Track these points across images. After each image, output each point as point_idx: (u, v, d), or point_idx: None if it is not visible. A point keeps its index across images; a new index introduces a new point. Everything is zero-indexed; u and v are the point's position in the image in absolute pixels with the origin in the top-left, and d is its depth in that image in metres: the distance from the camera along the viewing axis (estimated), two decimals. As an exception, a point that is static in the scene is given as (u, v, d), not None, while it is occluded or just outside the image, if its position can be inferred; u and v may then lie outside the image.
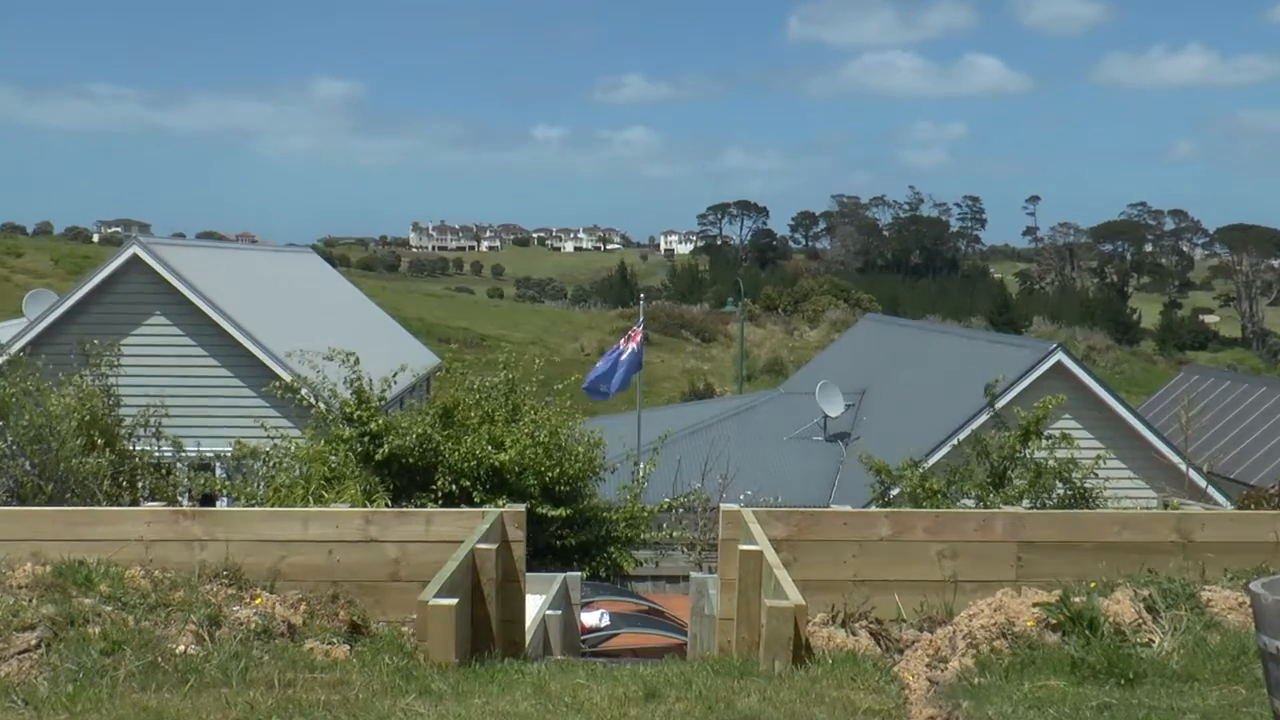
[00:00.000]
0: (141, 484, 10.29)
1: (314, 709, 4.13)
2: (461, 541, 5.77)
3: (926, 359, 22.81)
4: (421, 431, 10.25)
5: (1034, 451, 10.81)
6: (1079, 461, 10.71)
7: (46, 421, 9.50)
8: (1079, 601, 5.02)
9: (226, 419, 16.65)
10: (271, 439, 10.94)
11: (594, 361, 22.34)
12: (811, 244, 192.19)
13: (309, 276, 29.23)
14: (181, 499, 10.85)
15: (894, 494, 11.43)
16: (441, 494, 10.20)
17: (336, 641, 5.11)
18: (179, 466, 11.52)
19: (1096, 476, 10.86)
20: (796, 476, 19.31)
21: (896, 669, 4.82)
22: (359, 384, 10.55)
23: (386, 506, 9.39)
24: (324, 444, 10.58)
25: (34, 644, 4.48)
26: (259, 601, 5.34)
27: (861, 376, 23.69)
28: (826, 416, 20.97)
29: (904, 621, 5.70)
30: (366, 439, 10.23)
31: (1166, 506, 10.59)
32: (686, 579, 10.10)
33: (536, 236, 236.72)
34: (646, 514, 11.56)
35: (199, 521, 6.04)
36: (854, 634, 5.27)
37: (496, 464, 10.32)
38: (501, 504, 9.65)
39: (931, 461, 14.77)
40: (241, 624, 4.98)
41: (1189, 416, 16.44)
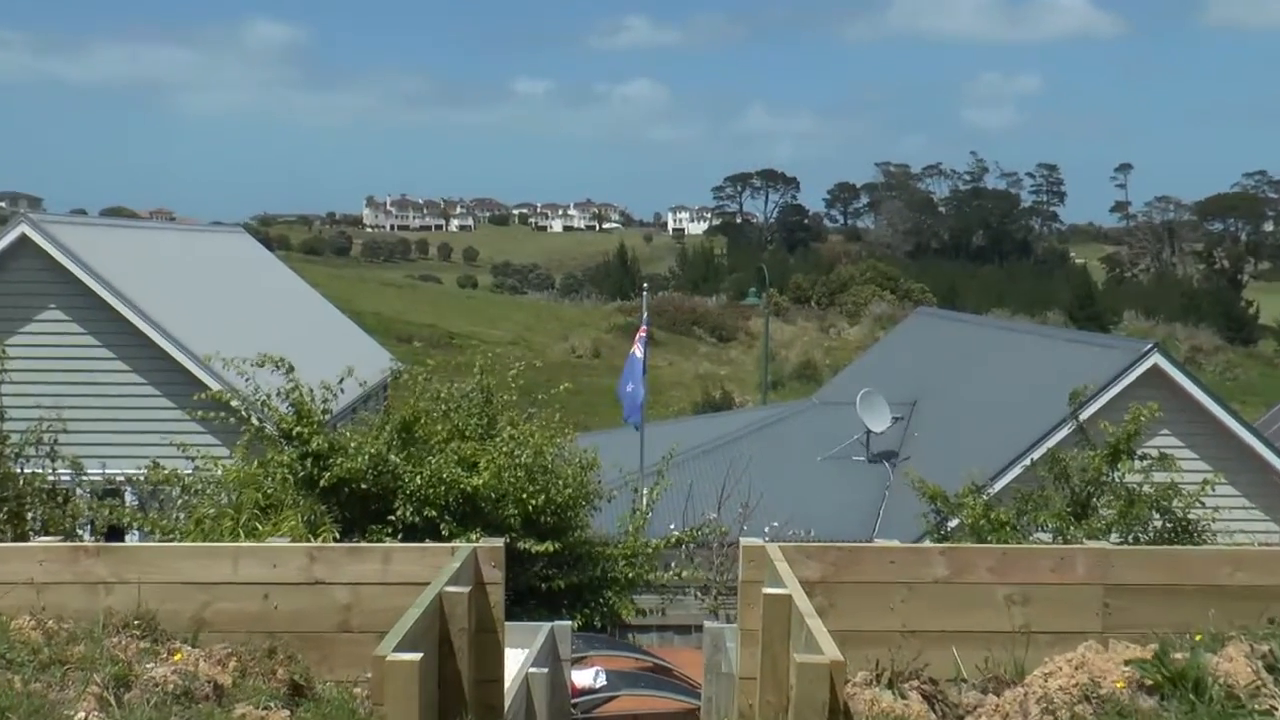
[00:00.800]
0: (32, 515, 10.29)
1: (245, 788, 4.13)
2: (426, 583, 5.77)
3: (992, 362, 22.82)
4: (376, 451, 10.26)
5: (1125, 475, 10.81)
6: (1181, 487, 10.70)
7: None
8: (1180, 658, 5.00)
9: (138, 436, 16.68)
10: (194, 460, 10.96)
11: (587, 365, 22.34)
12: (851, 222, 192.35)
13: (240, 262, 29.31)
14: (82, 533, 10.85)
15: (952, 526, 11.43)
16: (402, 526, 10.21)
17: (274, 706, 5.10)
18: (79, 493, 11.52)
19: (1203, 505, 10.84)
20: (833, 505, 19.33)
21: (956, 739, 4.82)
22: (297, 395, 10.56)
23: (334, 541, 9.40)
24: (257, 466, 10.60)
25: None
26: (178, 657, 5.33)
27: (912, 384, 23.71)
28: (869, 432, 20.99)
29: (964, 681, 5.69)
30: (308, 461, 10.24)
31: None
32: (699, 629, 10.08)
33: (517, 213, 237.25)
34: (651, 550, 11.57)
35: (104, 560, 6.04)
36: (903, 697, 5.26)
37: (468, 490, 10.32)
38: (475, 538, 9.64)
39: (998, 487, 14.79)
40: (157, 685, 4.97)
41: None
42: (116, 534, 11.21)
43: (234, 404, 11.06)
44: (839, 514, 18.98)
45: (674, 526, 13.18)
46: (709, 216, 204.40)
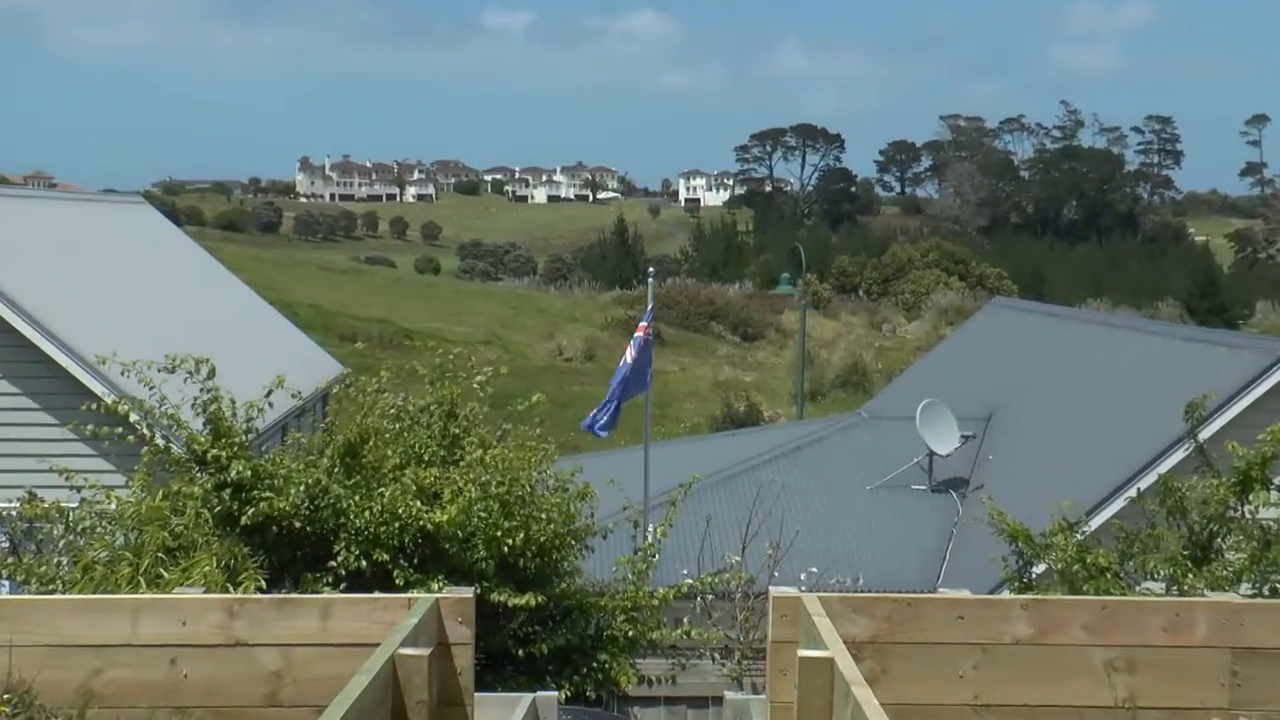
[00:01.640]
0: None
1: None
2: (376, 644, 5.77)
3: (1087, 367, 22.82)
4: (313, 480, 10.27)
5: (1259, 509, 10.79)
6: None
7: None
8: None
9: (9, 460, 16.69)
10: (80, 491, 10.97)
11: (578, 370, 22.41)
12: (909, 191, 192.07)
13: (139, 240, 29.38)
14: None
15: (1037, 573, 11.43)
16: (345, 572, 10.23)
17: (182, 799, 5.11)
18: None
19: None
20: (886, 546, 19.34)
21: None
22: (215, 408, 10.57)
23: (260, 591, 9.41)
24: (163, 498, 10.61)
25: None
26: (63, 738, 5.33)
27: (986, 393, 23.72)
28: (932, 454, 21.00)
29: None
30: (228, 491, 10.25)
31: None
32: (718, 702, 10.01)
33: (490, 180, 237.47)
34: (657, 602, 11.57)
35: (-31, 616, 6.05)
36: (978, 788, 5.25)
37: (429, 527, 10.34)
38: (437, 587, 9.65)
39: (1096, 523, 14.79)
40: (36, 773, 4.97)
41: None
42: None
43: (133, 419, 11.06)
44: (894, 557, 18.98)
45: (686, 572, 13.18)
46: (730, 184, 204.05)
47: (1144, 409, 18.16)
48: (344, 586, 10.00)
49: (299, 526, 10.26)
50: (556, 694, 9.29)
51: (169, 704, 5.87)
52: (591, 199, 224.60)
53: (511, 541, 10.55)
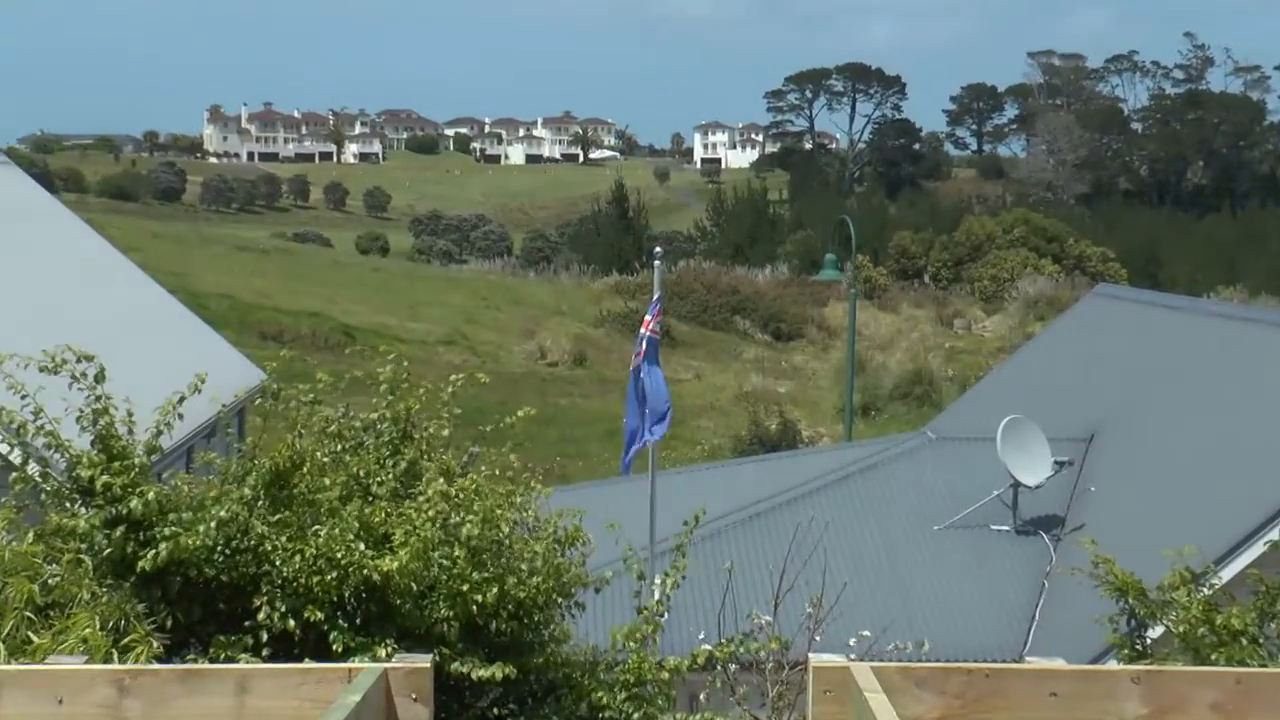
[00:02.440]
0: None
1: None
2: (306, 728, 5.80)
3: (1216, 373, 22.82)
4: (231, 515, 10.29)
5: None
6: None
7: None
8: None
9: None
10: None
11: (565, 377, 22.42)
12: (989, 149, 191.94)
13: (2, 209, 29.38)
14: None
15: (1153, 637, 11.43)
16: (269, 634, 10.24)
17: None
18: None
19: None
20: (959, 603, 19.35)
21: None
22: (107, 422, 10.60)
23: (158, 659, 9.43)
24: (34, 540, 10.64)
25: None
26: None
27: (1087, 407, 23.73)
28: (1019, 485, 21.01)
29: None
30: (121, 530, 10.28)
31: None
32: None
33: (453, 135, 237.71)
34: (667, 675, 11.59)
35: None
36: None
37: (375, 577, 10.36)
38: (385, 654, 9.64)
39: (1228, 574, 14.78)
40: None
41: None
42: None
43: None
44: (968, 617, 18.98)
45: (703, 635, 13.18)
46: (760, 140, 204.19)
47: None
48: (267, 653, 9.99)
49: (210, 575, 10.27)
50: (537, 791, 9.31)
51: (43, 803, 5.89)
52: (582, 159, 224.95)
53: (481, 597, 10.56)
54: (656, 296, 17.84)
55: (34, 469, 10.97)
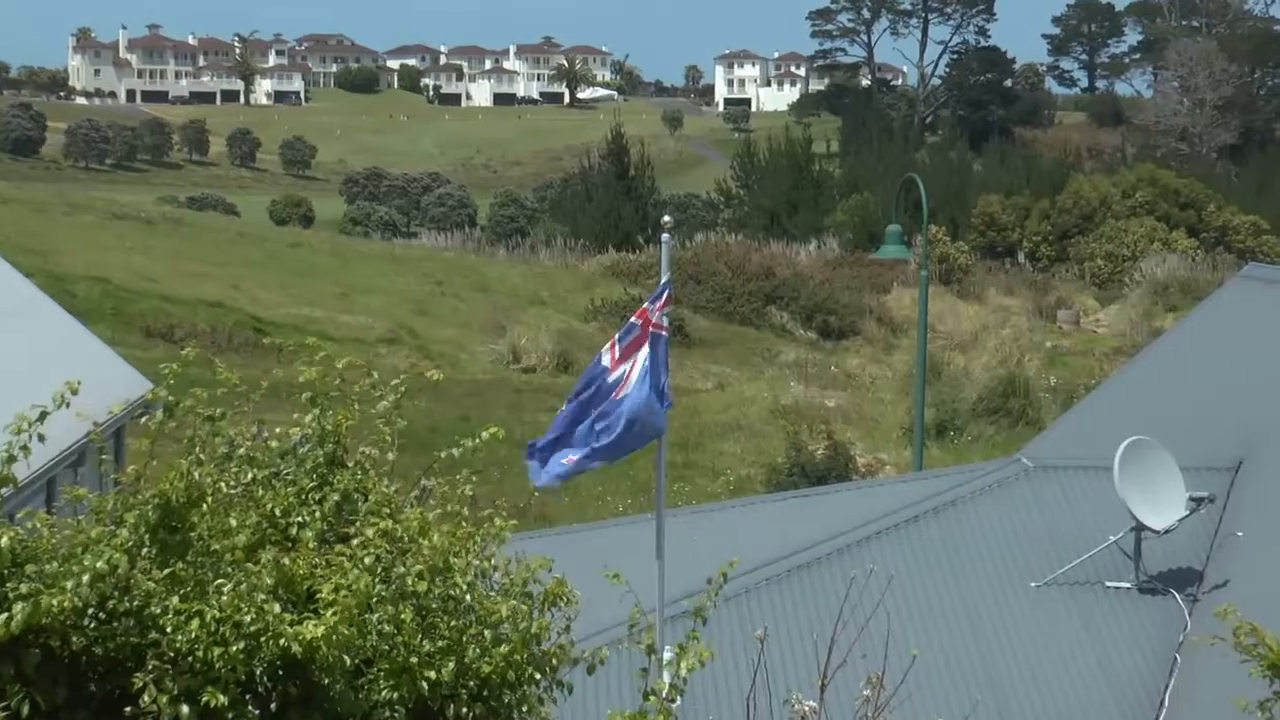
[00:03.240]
0: None
1: None
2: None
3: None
4: (107, 566, 10.32)
5: None
6: None
7: None
8: None
9: None
10: None
11: (545, 386, 22.45)
12: (1101, 86, 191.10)
13: None
14: None
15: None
16: (154, 725, 10.27)
17: None
18: None
19: None
20: (1064, 679, 19.34)
21: None
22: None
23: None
24: None
25: None
26: None
27: (1234, 425, 23.70)
28: (1142, 528, 20.98)
29: None
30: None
31: None
32: None
33: (397, 68, 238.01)
34: (681, 779, 11.62)
35: None
36: None
37: (295, 649, 10.38)
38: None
39: None
40: None
41: None
42: None
43: None
44: (1078, 697, 18.99)
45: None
46: (802, 75, 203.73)
47: None
48: (152, 750, 10.03)
49: (79, 645, 10.31)
50: None
51: None
52: (568, 100, 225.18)
53: (435, 673, 10.61)
54: (665, 280, 17.84)
55: None
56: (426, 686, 10.59)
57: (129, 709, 10.28)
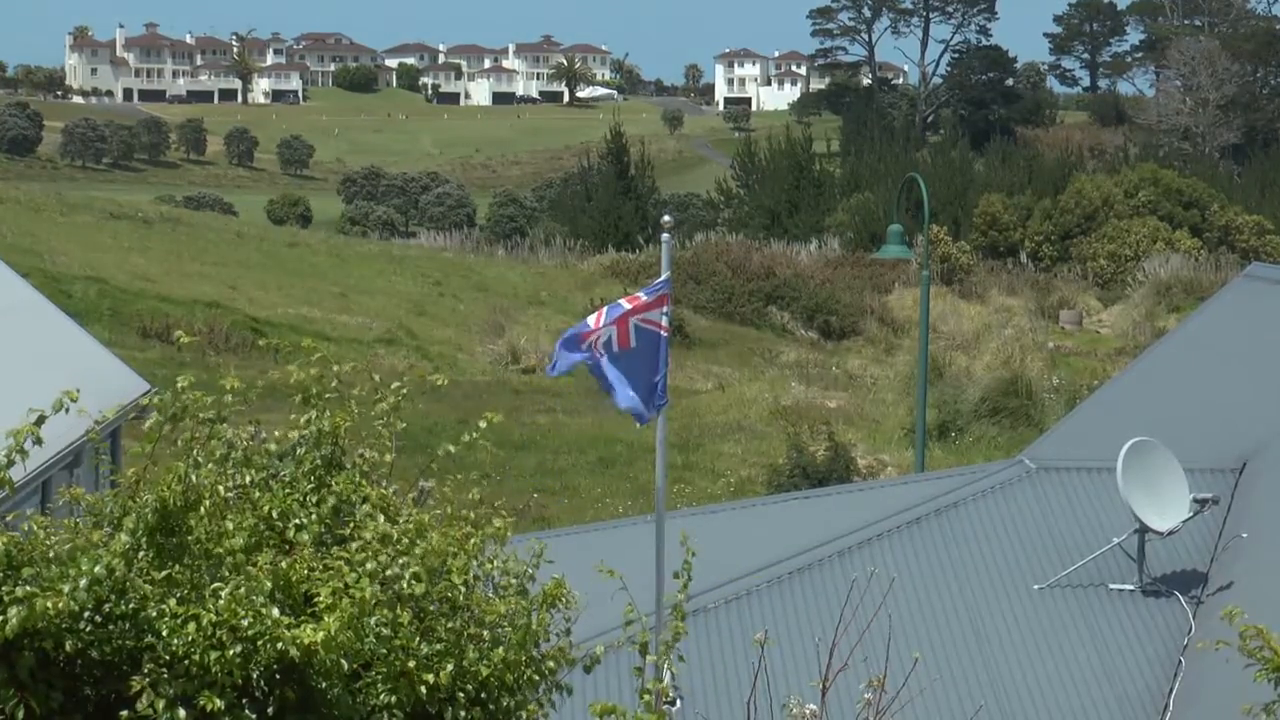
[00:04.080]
0: None
1: None
2: None
3: None
4: (104, 569, 10.31)
5: None
6: None
7: None
8: None
9: None
10: None
11: (545, 388, 22.46)
12: (1103, 85, 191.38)
13: None
14: None
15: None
16: (150, 728, 10.26)
17: None
18: None
19: None
20: (1067, 684, 19.33)
21: None
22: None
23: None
24: None
25: None
26: None
27: (1238, 427, 23.68)
28: (1145, 531, 20.96)
29: None
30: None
31: None
32: None
33: (396, 67, 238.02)
34: (680, 783, 11.59)
35: None
36: None
37: (293, 653, 10.38)
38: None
39: None
40: None
41: None
42: None
43: None
44: (1079, 704, 18.97)
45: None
46: (803, 74, 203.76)
47: None
48: (149, 753, 10.02)
49: (75, 649, 10.30)
50: None
51: None
52: (568, 99, 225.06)
53: (433, 677, 10.60)
54: (664, 278, 17.82)
55: None
56: (424, 690, 10.58)
57: (125, 713, 10.26)
